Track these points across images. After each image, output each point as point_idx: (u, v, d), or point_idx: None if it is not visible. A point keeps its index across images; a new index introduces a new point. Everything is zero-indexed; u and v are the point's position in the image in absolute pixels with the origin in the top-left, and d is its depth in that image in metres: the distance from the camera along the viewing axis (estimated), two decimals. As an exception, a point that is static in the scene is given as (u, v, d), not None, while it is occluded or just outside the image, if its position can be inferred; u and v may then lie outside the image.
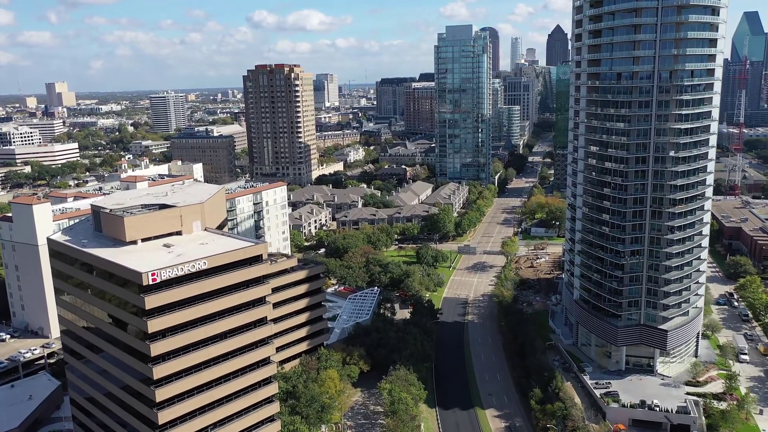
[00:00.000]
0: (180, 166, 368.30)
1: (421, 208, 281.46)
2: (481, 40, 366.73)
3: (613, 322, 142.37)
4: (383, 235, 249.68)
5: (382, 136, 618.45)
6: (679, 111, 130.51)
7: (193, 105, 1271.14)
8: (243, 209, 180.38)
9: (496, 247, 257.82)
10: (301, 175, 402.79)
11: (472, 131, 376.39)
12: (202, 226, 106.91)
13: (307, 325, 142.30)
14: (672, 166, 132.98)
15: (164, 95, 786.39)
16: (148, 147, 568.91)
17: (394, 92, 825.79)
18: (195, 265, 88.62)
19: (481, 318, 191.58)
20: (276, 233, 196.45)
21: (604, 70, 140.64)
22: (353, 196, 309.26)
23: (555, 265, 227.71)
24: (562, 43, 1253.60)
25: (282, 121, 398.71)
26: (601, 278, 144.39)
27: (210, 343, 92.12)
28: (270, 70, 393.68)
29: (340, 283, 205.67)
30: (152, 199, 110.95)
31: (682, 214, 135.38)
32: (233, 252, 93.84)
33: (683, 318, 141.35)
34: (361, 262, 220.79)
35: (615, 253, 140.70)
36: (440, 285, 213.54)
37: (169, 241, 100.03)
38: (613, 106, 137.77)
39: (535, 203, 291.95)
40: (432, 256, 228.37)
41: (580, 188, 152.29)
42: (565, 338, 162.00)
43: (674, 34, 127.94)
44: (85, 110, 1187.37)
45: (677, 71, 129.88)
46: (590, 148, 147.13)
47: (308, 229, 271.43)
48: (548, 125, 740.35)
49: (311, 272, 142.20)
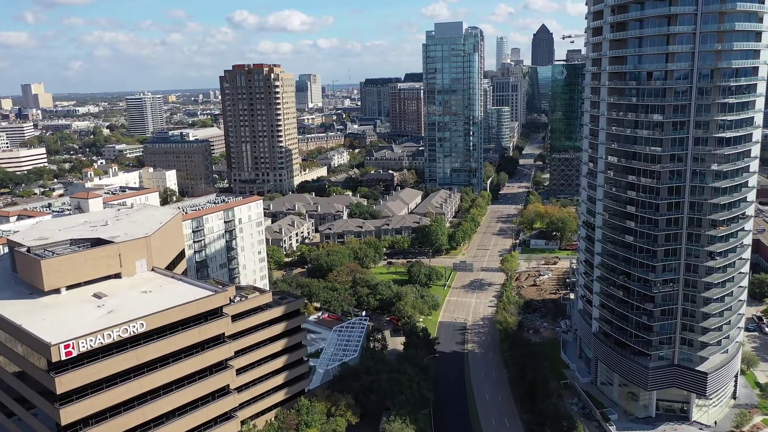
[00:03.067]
0: (152, 174, 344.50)
1: (411, 218, 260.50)
2: (471, 38, 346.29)
3: (641, 362, 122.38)
4: (371, 250, 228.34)
5: (368, 138, 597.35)
6: (723, 117, 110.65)
7: (173, 106, 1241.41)
8: (212, 228, 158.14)
9: (493, 260, 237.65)
10: (282, 181, 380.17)
11: (462, 134, 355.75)
12: (148, 265, 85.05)
13: (285, 370, 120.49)
14: (713, 181, 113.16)
15: (141, 97, 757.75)
16: (122, 151, 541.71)
17: (378, 93, 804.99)
18: (129, 328, 66.87)
19: (482, 347, 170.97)
20: (251, 254, 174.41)
21: (629, 69, 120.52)
22: (338, 206, 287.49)
23: (560, 283, 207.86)
24: (548, 42, 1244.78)
25: (261, 124, 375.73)
26: (627, 310, 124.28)
27: (153, 426, 70.23)
28: (248, 71, 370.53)
29: (324, 308, 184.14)
30: (87, 231, 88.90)
31: (724, 237, 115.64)
32: (183, 307, 72.20)
33: (723, 356, 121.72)
34: (348, 282, 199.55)
35: (644, 282, 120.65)
36: (435, 307, 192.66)
37: (103, 288, 78.11)
38: (642, 111, 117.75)
39: (532, 212, 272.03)
40: (425, 274, 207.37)
41: (599, 205, 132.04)
42: (581, 375, 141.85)
43: (717, 26, 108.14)
44: (61, 112, 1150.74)
45: (720, 70, 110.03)
46: (612, 159, 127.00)
47: (289, 243, 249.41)
48: (536, 126, 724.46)
49: (289, 308, 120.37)
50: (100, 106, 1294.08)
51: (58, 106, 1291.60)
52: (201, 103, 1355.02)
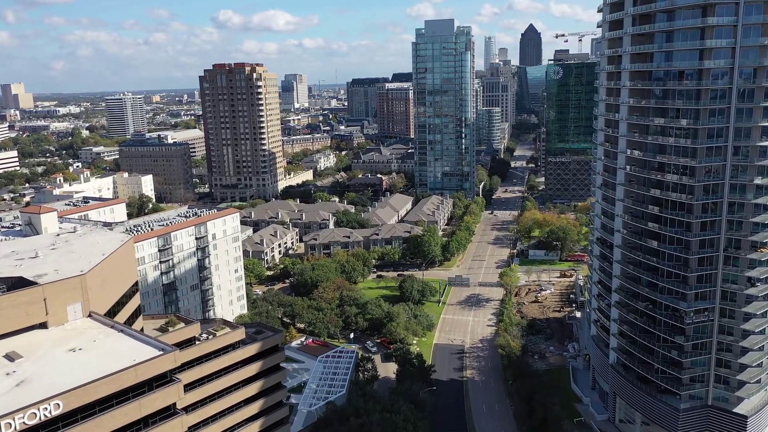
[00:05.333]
0: (126, 179, 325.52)
1: (402, 228, 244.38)
2: (463, 36, 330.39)
3: (669, 402, 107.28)
4: (359, 263, 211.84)
5: (355, 140, 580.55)
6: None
7: (156, 107, 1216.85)
8: (181, 246, 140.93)
9: (490, 273, 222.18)
10: (265, 186, 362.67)
11: (454, 137, 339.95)
12: (83, 310, 68.29)
13: (261, 417, 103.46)
14: (755, 197, 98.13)
15: (121, 97, 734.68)
16: (99, 154, 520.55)
17: (366, 93, 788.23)
18: (39, 411, 50.12)
19: (482, 374, 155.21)
20: (226, 273, 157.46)
21: (656, 68, 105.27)
22: (324, 214, 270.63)
23: (563, 299, 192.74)
24: (536, 42, 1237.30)
25: (243, 126, 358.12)
26: (652, 342, 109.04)
27: None
28: (229, 70, 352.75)
29: (309, 331, 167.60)
30: (8, 266, 71.88)
31: (767, 261, 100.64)
32: (117, 376, 55.38)
33: (764, 396, 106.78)
34: (334, 299, 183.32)
35: (673, 311, 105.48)
36: (429, 328, 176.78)
37: (20, 345, 61.28)
38: (672, 116, 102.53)
39: (530, 219, 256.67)
40: (418, 290, 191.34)
41: (618, 221, 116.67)
42: (597, 412, 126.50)
43: (762, 17, 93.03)
44: (41, 113, 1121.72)
45: (765, 68, 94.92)
46: (633, 169, 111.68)
47: (271, 255, 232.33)
48: (527, 127, 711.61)
49: (266, 345, 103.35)
50: (82, 107, 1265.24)
51: (39, 106, 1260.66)
52: (185, 104, 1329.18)
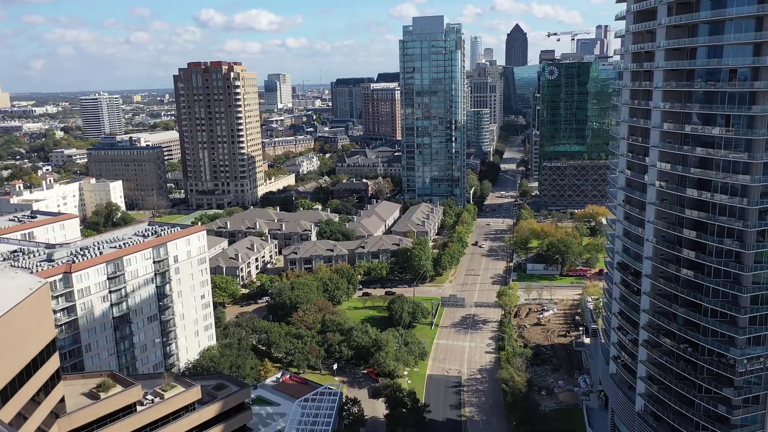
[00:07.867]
0: (94, 185, 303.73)
1: (390, 239, 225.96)
2: (453, 34, 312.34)
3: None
4: (343, 281, 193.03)
5: (339, 142, 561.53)
6: (842, 134, 78.51)
7: (137, 107, 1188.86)
8: (136, 272, 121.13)
9: (486, 289, 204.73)
10: (244, 191, 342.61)
11: (443, 140, 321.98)
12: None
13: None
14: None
15: (96, 97, 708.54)
16: (71, 157, 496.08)
17: (350, 93, 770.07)
18: None
19: (482, 412, 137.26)
20: (191, 300, 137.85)
21: (699, 66, 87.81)
22: (305, 224, 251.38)
23: (568, 320, 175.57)
24: (521, 42, 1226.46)
25: (221, 128, 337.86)
26: (692, 392, 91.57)
27: None
28: (205, 69, 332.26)
29: (286, 364, 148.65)
30: None
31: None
32: None
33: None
34: (316, 323, 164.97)
35: (718, 358, 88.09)
36: (422, 356, 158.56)
37: None
38: (720, 125, 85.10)
39: (526, 230, 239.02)
40: (409, 312, 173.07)
41: (648, 247, 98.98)
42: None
43: (837, 4, 75.99)
44: (17, 113, 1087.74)
45: (838, 67, 77.89)
46: (668, 187, 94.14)
47: (247, 271, 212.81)
48: (514, 128, 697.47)
49: (228, 405, 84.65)
50: (60, 107, 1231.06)
51: (16, 106, 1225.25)
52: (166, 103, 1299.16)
